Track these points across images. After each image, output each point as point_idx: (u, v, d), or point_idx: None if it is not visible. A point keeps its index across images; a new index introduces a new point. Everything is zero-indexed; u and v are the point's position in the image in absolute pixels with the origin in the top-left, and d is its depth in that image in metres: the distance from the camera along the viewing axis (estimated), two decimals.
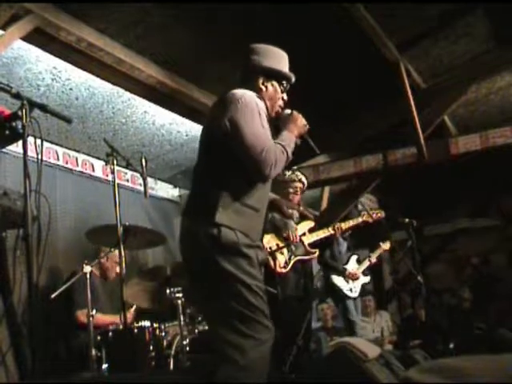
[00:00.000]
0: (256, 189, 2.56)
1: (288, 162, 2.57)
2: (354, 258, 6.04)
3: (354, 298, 5.94)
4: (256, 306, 2.43)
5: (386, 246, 6.06)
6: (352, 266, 5.95)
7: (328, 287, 6.01)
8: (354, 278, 5.86)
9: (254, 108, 2.53)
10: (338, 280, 5.85)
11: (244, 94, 2.56)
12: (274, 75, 2.81)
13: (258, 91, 2.71)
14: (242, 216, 2.51)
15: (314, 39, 5.02)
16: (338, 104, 6.24)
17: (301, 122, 2.75)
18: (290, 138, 2.65)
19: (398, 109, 6.21)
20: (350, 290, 5.86)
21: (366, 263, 6.02)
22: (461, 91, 6.32)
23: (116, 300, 4.21)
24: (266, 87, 2.77)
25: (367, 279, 6.08)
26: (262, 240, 2.71)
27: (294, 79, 2.88)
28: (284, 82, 2.85)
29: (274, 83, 2.80)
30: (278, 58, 2.89)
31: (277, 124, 2.73)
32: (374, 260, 6.02)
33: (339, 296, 5.90)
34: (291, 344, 4.16)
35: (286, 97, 2.85)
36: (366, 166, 6.57)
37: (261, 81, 2.76)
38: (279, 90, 2.82)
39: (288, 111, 2.80)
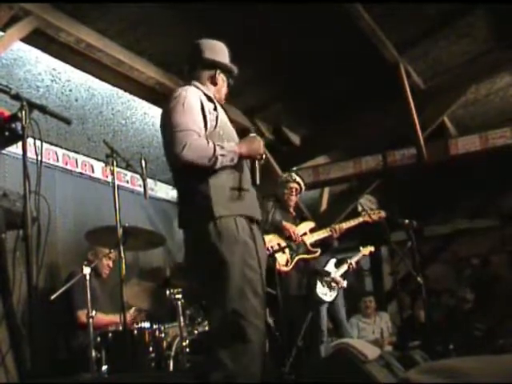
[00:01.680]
0: (237, 172, 2.66)
1: (213, 163, 2.53)
2: (333, 261, 5.70)
3: (330, 303, 5.62)
4: (250, 303, 2.47)
5: (365, 250, 5.79)
6: (330, 269, 5.67)
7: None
8: (338, 284, 5.59)
9: (180, 100, 2.64)
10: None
11: (176, 91, 2.72)
12: (221, 67, 2.96)
13: (205, 82, 2.90)
14: (237, 200, 2.60)
15: (313, 40, 5.02)
16: (338, 105, 6.25)
17: (256, 146, 2.74)
18: (231, 149, 2.64)
19: (398, 110, 6.22)
20: (325, 294, 5.54)
21: (345, 267, 5.73)
22: (460, 92, 6.32)
23: (116, 301, 4.21)
24: (214, 78, 2.92)
25: (344, 284, 5.76)
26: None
27: (234, 69, 3.01)
28: (231, 75, 3.00)
29: (222, 75, 2.96)
30: (222, 53, 3.04)
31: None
32: (354, 265, 5.74)
33: (313, 300, 5.54)
34: (291, 344, 4.15)
35: (230, 82, 3.01)
36: (366, 166, 6.58)
37: (209, 73, 2.93)
38: (226, 81, 2.98)
39: (252, 135, 2.83)
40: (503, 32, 5.65)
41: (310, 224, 4.97)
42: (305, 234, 4.81)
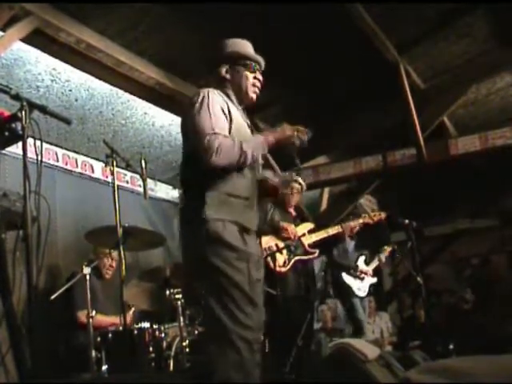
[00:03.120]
0: (240, 179, 2.60)
1: (244, 158, 2.52)
2: (362, 258, 6.05)
3: (362, 298, 5.93)
4: (239, 306, 2.46)
5: (388, 249, 6.07)
6: (361, 265, 5.97)
7: (337, 286, 5.99)
8: (367, 275, 5.88)
9: (203, 103, 2.58)
10: (347, 278, 5.85)
11: (196, 94, 2.64)
12: (235, 60, 2.81)
13: (222, 81, 2.77)
14: (231, 206, 2.56)
15: (313, 40, 5.02)
16: (338, 105, 6.25)
17: (284, 131, 2.69)
18: (256, 140, 2.64)
19: (398, 110, 6.22)
20: (359, 288, 5.88)
21: (375, 263, 6.04)
22: (460, 92, 6.32)
23: (116, 301, 4.21)
24: (232, 75, 2.79)
25: (374, 280, 6.09)
26: (259, 232, 2.74)
27: (260, 59, 2.87)
28: (250, 64, 2.83)
29: (239, 68, 2.80)
30: (238, 44, 2.88)
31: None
32: (383, 260, 6.04)
33: (348, 295, 5.88)
34: (291, 345, 4.15)
35: (259, 76, 2.86)
36: (366, 166, 6.57)
37: (224, 70, 2.78)
38: (246, 73, 2.81)
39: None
40: (503, 32, 5.65)
41: (309, 225, 4.98)
42: (303, 235, 4.81)
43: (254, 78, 2.83)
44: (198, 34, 4.70)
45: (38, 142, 2.38)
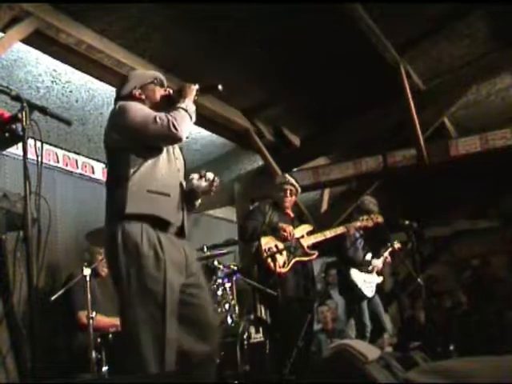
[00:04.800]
0: (159, 175, 2.72)
1: (192, 119, 2.78)
2: (369, 255, 6.00)
3: (370, 299, 5.86)
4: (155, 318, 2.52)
5: (396, 245, 6.04)
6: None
7: (345, 285, 5.91)
8: (376, 271, 5.86)
9: (126, 105, 2.75)
10: (356, 277, 5.77)
11: (117, 106, 2.78)
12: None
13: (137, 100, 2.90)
14: (152, 202, 2.65)
15: (313, 40, 5.02)
16: (338, 106, 6.25)
17: (186, 86, 2.91)
18: (183, 102, 2.81)
19: (398, 110, 6.22)
20: (367, 288, 5.82)
21: (381, 260, 5.99)
22: (461, 93, 6.32)
23: (114, 300, 4.20)
24: (142, 93, 2.93)
25: (380, 279, 6.05)
26: (183, 227, 2.80)
27: (158, 76, 3.05)
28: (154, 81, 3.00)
29: (148, 86, 2.97)
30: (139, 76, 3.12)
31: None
32: (389, 258, 6.03)
33: (356, 295, 5.80)
34: (291, 346, 4.15)
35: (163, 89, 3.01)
36: (366, 167, 6.57)
37: (136, 92, 2.93)
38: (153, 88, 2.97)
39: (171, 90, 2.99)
40: (503, 33, 5.65)
41: (308, 227, 4.99)
42: (302, 236, 4.82)
43: (164, 90, 3.03)
44: (198, 34, 4.70)
45: (39, 143, 2.37)
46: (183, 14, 4.44)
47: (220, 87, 2.97)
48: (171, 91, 2.98)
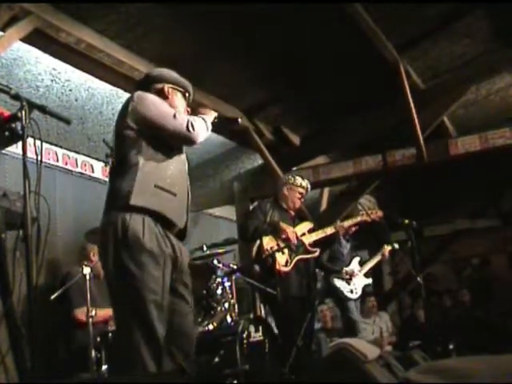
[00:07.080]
0: (169, 173, 2.71)
1: (208, 130, 2.84)
2: (357, 259, 6.06)
3: (355, 300, 5.94)
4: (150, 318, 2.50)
5: (388, 249, 6.09)
6: (354, 267, 5.96)
7: (329, 289, 6.01)
8: (353, 276, 5.88)
9: (149, 96, 2.78)
10: (338, 282, 5.86)
11: (136, 94, 2.79)
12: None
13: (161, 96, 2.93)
14: (158, 198, 2.62)
15: (313, 40, 5.02)
16: (338, 105, 6.25)
17: (207, 109, 3.04)
18: (204, 114, 2.91)
19: (398, 109, 6.21)
20: (351, 291, 5.87)
21: (371, 263, 6.06)
22: (460, 92, 6.31)
23: (106, 292, 4.19)
24: (170, 93, 2.98)
25: (369, 281, 6.09)
26: (185, 230, 2.79)
27: (191, 91, 3.12)
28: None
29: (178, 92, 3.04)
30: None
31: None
32: (387, 255, 6.10)
33: (340, 297, 5.91)
34: (291, 345, 4.15)
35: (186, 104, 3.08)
36: (366, 166, 6.57)
37: (168, 90, 2.98)
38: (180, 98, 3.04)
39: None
40: (503, 32, 5.65)
41: (309, 225, 4.97)
42: (303, 234, 4.81)
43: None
44: (198, 34, 4.70)
45: (38, 142, 2.37)
46: (183, 14, 4.44)
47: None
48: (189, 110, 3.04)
